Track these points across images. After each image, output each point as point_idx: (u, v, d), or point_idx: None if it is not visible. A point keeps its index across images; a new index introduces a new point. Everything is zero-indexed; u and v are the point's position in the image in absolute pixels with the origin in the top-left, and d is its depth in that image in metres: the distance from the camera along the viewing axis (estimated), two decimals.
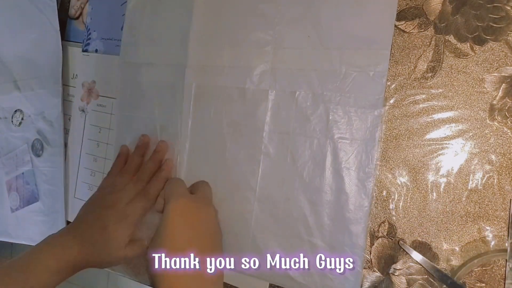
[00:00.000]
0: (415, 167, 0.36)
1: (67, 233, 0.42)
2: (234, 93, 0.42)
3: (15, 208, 0.60)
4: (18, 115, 0.59)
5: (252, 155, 0.41)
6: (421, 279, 0.36)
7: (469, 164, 0.34)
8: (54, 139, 0.56)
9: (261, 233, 0.40)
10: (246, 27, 0.42)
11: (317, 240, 0.38)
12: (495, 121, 0.34)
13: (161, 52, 0.47)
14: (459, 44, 0.35)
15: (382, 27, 0.36)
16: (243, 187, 0.41)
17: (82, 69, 0.54)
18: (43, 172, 0.57)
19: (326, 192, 0.38)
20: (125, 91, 0.49)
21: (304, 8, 0.39)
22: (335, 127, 0.38)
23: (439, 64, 0.36)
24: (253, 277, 0.41)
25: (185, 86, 0.45)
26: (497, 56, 0.34)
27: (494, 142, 0.34)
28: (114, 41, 0.51)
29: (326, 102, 0.38)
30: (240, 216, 0.41)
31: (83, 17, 0.56)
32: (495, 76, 0.34)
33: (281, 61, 0.40)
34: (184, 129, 0.44)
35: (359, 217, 0.37)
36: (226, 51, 0.43)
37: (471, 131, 0.34)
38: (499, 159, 0.34)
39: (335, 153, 0.38)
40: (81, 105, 0.54)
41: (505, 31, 0.33)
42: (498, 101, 0.34)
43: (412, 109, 0.36)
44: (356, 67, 0.37)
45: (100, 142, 0.52)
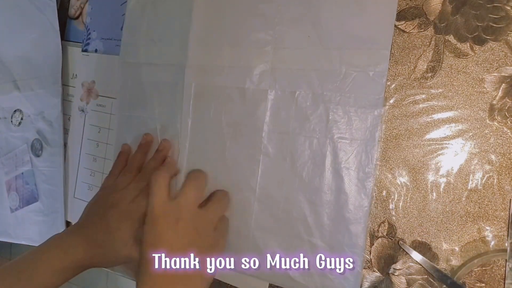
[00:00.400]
0: (415, 167, 0.36)
1: (71, 233, 0.42)
2: (234, 93, 0.42)
3: (14, 208, 0.60)
4: (17, 115, 0.59)
5: (251, 155, 0.41)
6: (421, 279, 0.36)
7: (469, 164, 0.34)
8: (53, 139, 0.56)
9: (261, 233, 0.40)
10: (246, 27, 0.42)
11: (317, 240, 0.38)
12: (495, 121, 0.34)
13: (161, 52, 0.47)
14: (459, 44, 0.35)
15: (382, 27, 0.36)
16: (243, 187, 0.41)
17: (82, 69, 0.54)
18: (43, 172, 0.57)
19: (325, 192, 0.38)
20: (125, 91, 0.49)
21: (304, 8, 0.39)
22: (335, 127, 0.38)
23: (439, 64, 0.36)
24: (253, 277, 0.41)
25: (185, 86, 0.44)
26: (497, 56, 0.34)
27: (494, 142, 0.34)
28: (114, 41, 0.51)
29: (326, 102, 0.38)
30: (240, 216, 0.41)
31: (83, 17, 0.56)
32: (495, 76, 0.34)
33: (281, 61, 0.40)
34: (184, 129, 0.44)
35: (358, 217, 0.37)
36: (226, 51, 0.42)
37: (471, 131, 0.34)
38: (499, 159, 0.34)
39: (334, 153, 0.38)
40: (80, 105, 0.54)
41: (505, 31, 0.33)
42: (498, 101, 0.34)
43: (412, 109, 0.36)
44: (356, 67, 0.37)
45: (100, 142, 0.52)
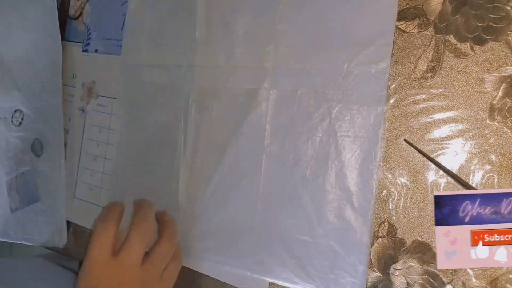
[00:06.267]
0: (415, 167, 0.36)
1: None
2: (236, 92, 0.42)
3: (15, 208, 0.60)
4: (18, 115, 0.59)
5: (254, 154, 0.41)
6: (421, 279, 0.36)
7: (469, 164, 0.34)
8: (54, 139, 0.56)
9: (264, 233, 0.40)
10: (247, 27, 0.42)
11: (321, 238, 0.38)
12: (495, 121, 0.34)
13: (162, 53, 0.47)
14: (459, 44, 0.35)
15: (383, 23, 0.36)
16: (246, 187, 0.41)
17: (82, 69, 0.54)
18: (43, 172, 0.57)
19: (329, 190, 0.38)
20: (127, 92, 0.49)
21: (305, 7, 0.39)
22: (338, 125, 0.38)
23: (439, 64, 0.36)
24: (253, 277, 0.41)
25: (187, 86, 0.45)
26: (497, 56, 0.34)
27: (494, 142, 0.34)
28: (114, 41, 0.51)
29: (328, 100, 0.38)
30: (243, 215, 0.41)
31: (83, 17, 0.56)
32: (495, 76, 0.34)
33: (283, 60, 0.40)
34: (186, 130, 0.44)
35: (363, 214, 0.37)
36: (228, 51, 0.43)
37: (471, 131, 0.34)
38: (499, 159, 0.34)
39: (338, 151, 0.37)
40: (81, 105, 0.54)
41: (505, 31, 0.33)
42: (498, 101, 0.34)
43: (412, 109, 0.36)
44: (357, 64, 0.37)
45: (100, 142, 0.52)
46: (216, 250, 0.43)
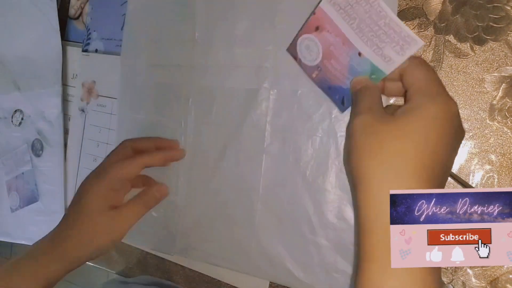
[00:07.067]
0: None
1: (44, 250, 0.39)
2: (236, 92, 0.42)
3: (15, 208, 0.60)
4: (18, 115, 0.59)
5: (254, 155, 0.41)
6: None
7: (469, 164, 0.34)
8: (54, 139, 0.56)
9: (264, 233, 0.40)
10: (247, 27, 0.42)
11: (321, 239, 0.38)
12: (495, 121, 0.34)
13: (162, 53, 0.47)
14: (459, 44, 0.35)
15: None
16: (246, 187, 0.41)
17: (82, 69, 0.54)
18: (43, 172, 0.57)
19: (329, 190, 0.38)
20: (126, 92, 0.49)
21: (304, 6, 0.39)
22: (338, 125, 0.38)
23: (439, 64, 0.36)
24: (253, 277, 0.41)
25: (186, 86, 0.45)
26: (497, 56, 0.34)
27: (494, 142, 0.34)
28: (114, 41, 0.51)
29: (328, 100, 0.38)
30: (244, 216, 0.41)
31: (83, 17, 0.56)
32: (495, 76, 0.34)
33: (283, 60, 0.40)
34: (185, 130, 0.44)
35: None
36: (228, 51, 0.42)
37: (471, 131, 0.34)
38: (499, 159, 0.34)
39: (338, 151, 0.37)
40: (81, 105, 0.54)
41: (505, 31, 0.33)
42: (498, 101, 0.34)
43: None
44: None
45: (100, 142, 0.52)
46: (216, 250, 0.43)
